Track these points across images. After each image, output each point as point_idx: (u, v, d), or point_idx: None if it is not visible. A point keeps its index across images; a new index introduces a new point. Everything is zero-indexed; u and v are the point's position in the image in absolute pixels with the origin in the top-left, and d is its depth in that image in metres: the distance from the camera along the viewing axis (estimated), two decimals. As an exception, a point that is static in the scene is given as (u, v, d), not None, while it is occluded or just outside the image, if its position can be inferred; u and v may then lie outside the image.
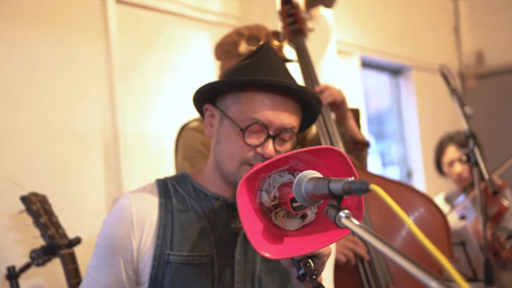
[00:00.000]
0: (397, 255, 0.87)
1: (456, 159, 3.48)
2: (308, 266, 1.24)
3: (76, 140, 2.43)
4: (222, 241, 1.48)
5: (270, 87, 1.42)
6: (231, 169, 1.44)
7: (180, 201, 1.50)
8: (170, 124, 2.84)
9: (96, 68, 2.55)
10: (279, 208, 1.28)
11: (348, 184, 0.98)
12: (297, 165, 1.26)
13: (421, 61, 5.29)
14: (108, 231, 1.48)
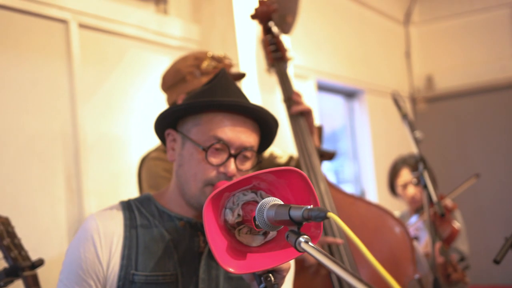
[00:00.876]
0: (351, 277, 0.96)
1: (409, 181, 3.59)
2: (269, 280, 1.31)
3: (37, 162, 2.44)
4: (186, 260, 1.53)
5: (229, 108, 1.49)
6: (195, 191, 1.50)
7: (144, 222, 1.55)
8: (132, 146, 2.88)
9: (58, 90, 2.58)
10: (242, 225, 1.36)
11: (307, 212, 1.06)
12: (260, 184, 1.34)
13: (374, 85, 5.46)
14: (76, 254, 1.50)
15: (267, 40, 2.53)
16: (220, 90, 1.53)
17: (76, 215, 2.56)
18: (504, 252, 2.03)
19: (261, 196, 1.36)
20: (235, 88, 1.57)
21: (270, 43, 2.53)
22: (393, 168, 3.76)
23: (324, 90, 4.98)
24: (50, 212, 2.45)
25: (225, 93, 1.52)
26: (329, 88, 5.07)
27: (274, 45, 2.53)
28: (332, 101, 5.38)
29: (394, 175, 3.72)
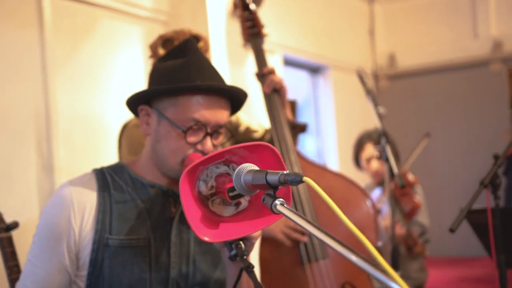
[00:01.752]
0: (323, 235, 1.04)
1: (373, 156, 3.71)
2: (239, 247, 1.39)
3: (8, 128, 2.46)
4: (158, 225, 1.59)
5: (206, 90, 1.56)
6: (174, 165, 1.56)
7: (117, 189, 1.60)
8: (102, 113, 2.91)
9: (30, 59, 2.59)
10: (215, 196, 1.43)
11: (284, 176, 1.13)
12: (232, 157, 1.41)
13: (338, 61, 5.55)
14: (49, 219, 1.55)
15: (244, 16, 2.58)
16: (194, 69, 1.58)
17: (46, 182, 2.59)
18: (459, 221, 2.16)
19: (233, 168, 1.44)
20: (209, 66, 1.62)
21: (247, 19, 2.58)
22: (358, 142, 3.86)
23: (290, 65, 5.06)
24: (22, 178, 2.48)
25: (200, 74, 1.58)
26: (295, 63, 5.15)
27: (251, 21, 2.57)
28: (297, 76, 5.46)
29: (359, 149, 3.82)
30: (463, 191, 5.62)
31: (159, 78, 1.62)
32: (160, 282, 1.57)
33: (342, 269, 2.24)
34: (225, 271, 1.64)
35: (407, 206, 3.43)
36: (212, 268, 1.65)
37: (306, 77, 5.50)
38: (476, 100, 5.81)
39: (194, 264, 1.62)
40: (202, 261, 1.64)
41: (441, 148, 5.92)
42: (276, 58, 4.57)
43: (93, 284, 1.55)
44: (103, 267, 1.54)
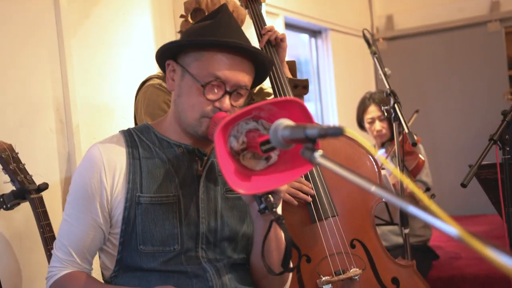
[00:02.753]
0: (360, 178, 1.09)
1: (376, 117, 3.77)
2: (269, 200, 1.47)
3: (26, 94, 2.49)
4: (186, 183, 1.67)
5: (231, 48, 1.60)
6: (192, 120, 1.62)
7: (145, 149, 1.67)
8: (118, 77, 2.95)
9: (45, 26, 2.60)
10: (246, 151, 1.50)
11: (324, 129, 1.18)
12: (260, 113, 1.48)
13: (338, 24, 5.58)
14: (82, 180, 1.63)
15: None
16: (223, 28, 1.63)
17: (66, 145, 2.64)
18: (471, 177, 2.24)
19: (262, 124, 1.51)
20: (237, 27, 1.68)
21: None
22: (361, 104, 3.92)
23: (291, 28, 5.08)
24: (42, 143, 2.53)
25: (227, 33, 1.62)
26: (296, 26, 5.17)
27: None
28: (298, 40, 5.49)
29: (362, 111, 3.88)
30: (461, 151, 5.73)
31: (187, 36, 1.68)
32: (190, 236, 1.65)
33: (350, 226, 2.32)
34: (251, 226, 1.73)
35: (411, 165, 3.52)
36: (239, 223, 1.73)
37: (307, 40, 5.53)
38: (474, 60, 5.86)
39: (222, 219, 1.70)
40: (230, 217, 1.72)
41: (439, 109, 6.00)
42: (278, 22, 4.60)
43: (126, 240, 1.63)
44: (136, 224, 1.61)
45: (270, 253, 1.65)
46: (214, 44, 1.59)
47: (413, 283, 2.34)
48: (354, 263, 2.24)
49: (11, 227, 2.33)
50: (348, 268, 2.22)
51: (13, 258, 2.33)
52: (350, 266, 2.23)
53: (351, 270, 2.21)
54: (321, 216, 2.27)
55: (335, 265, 2.23)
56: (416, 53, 6.12)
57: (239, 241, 1.73)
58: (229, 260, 1.70)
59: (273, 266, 1.61)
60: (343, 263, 2.23)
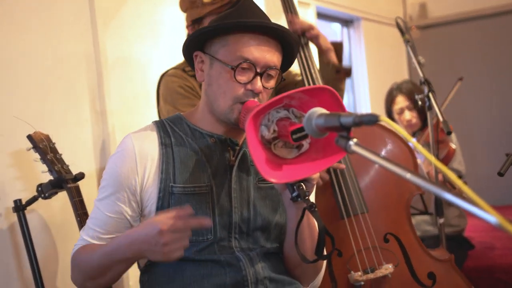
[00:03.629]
0: (395, 166, 1.09)
1: (405, 107, 3.74)
2: (301, 188, 1.48)
3: (62, 85, 2.53)
4: (218, 173, 1.68)
5: (255, 28, 1.60)
6: (224, 107, 1.63)
7: (177, 140, 1.68)
8: (152, 67, 2.97)
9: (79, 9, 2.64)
10: (277, 140, 1.50)
11: (359, 117, 1.18)
12: (291, 102, 1.48)
13: (370, 13, 5.52)
14: (114, 169, 1.65)
15: None
16: (245, 12, 1.64)
17: (101, 135, 2.68)
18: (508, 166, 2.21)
19: (293, 113, 1.50)
20: (260, 10, 1.68)
21: None
22: (389, 95, 3.88)
23: (323, 18, 5.05)
24: (77, 131, 2.57)
25: (250, 15, 1.63)
26: (328, 15, 5.14)
27: None
28: (331, 30, 5.45)
29: (390, 101, 3.85)
30: (498, 139, 5.64)
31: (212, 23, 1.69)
32: (223, 226, 1.65)
33: (384, 220, 2.30)
34: (284, 215, 1.73)
35: (442, 153, 3.48)
36: (272, 212, 1.73)
37: (338, 30, 5.49)
38: (510, 48, 5.75)
39: (255, 209, 1.70)
40: (262, 206, 1.72)
41: (474, 97, 5.90)
42: (309, 12, 4.58)
43: None
44: None
45: (304, 241, 1.66)
46: (238, 27, 1.60)
47: (451, 278, 2.29)
48: (386, 259, 2.21)
49: (50, 215, 2.38)
50: (380, 264, 2.20)
51: (52, 246, 2.39)
52: (382, 262, 2.20)
53: (382, 266, 2.19)
54: (350, 213, 2.25)
55: (367, 261, 2.20)
56: (450, 41, 6.02)
57: (272, 230, 1.74)
58: (262, 249, 1.70)
59: (307, 254, 1.61)
60: (375, 258, 2.20)
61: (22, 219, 2.14)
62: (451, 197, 0.96)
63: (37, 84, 2.42)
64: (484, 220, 0.85)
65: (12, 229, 2.24)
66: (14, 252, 2.24)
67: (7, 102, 2.30)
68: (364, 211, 2.26)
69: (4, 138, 2.25)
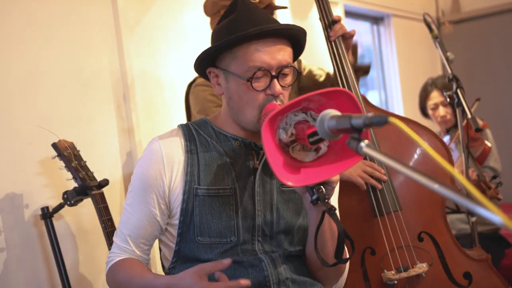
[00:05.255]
0: (413, 171, 1.07)
1: (440, 102, 3.67)
2: (321, 191, 1.46)
3: (88, 93, 2.58)
4: (242, 176, 1.68)
5: (258, 35, 1.59)
6: (252, 117, 1.64)
7: (203, 143, 1.69)
8: (176, 75, 3.00)
9: (104, 24, 2.68)
10: (295, 143, 1.49)
11: (369, 119, 1.16)
12: (309, 104, 1.47)
13: (401, 9, 5.45)
14: (142, 171, 1.68)
15: None
16: (244, 19, 1.63)
17: (127, 143, 2.71)
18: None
19: (311, 115, 1.49)
20: (258, 12, 1.67)
21: None
22: (423, 90, 3.82)
23: (351, 16, 5.01)
24: (104, 140, 2.61)
25: (250, 22, 1.61)
26: (357, 13, 5.09)
27: None
28: (359, 28, 5.40)
29: (425, 97, 3.79)
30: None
31: (214, 39, 1.69)
32: (246, 229, 1.66)
33: (418, 218, 2.25)
34: (307, 218, 1.72)
35: (477, 151, 3.40)
36: (295, 216, 1.73)
37: (367, 29, 5.43)
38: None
39: (278, 212, 1.70)
40: (285, 210, 1.72)
41: (510, 92, 5.77)
42: (338, 10, 4.54)
43: (184, 232, 1.66)
44: (194, 215, 1.64)
45: (325, 244, 1.65)
46: (240, 39, 1.59)
47: (487, 278, 2.22)
48: (420, 258, 2.17)
49: (77, 222, 2.43)
50: (414, 263, 2.15)
51: (80, 251, 2.43)
52: (415, 261, 2.16)
53: (416, 265, 2.14)
54: (383, 211, 2.21)
55: (400, 260, 2.16)
56: (484, 36, 5.89)
57: (295, 233, 1.73)
58: (284, 251, 1.70)
59: (328, 258, 1.60)
60: (408, 257, 2.16)
61: (50, 226, 2.18)
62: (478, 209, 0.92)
63: (64, 94, 2.48)
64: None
65: (41, 236, 2.28)
66: (43, 258, 2.29)
67: (35, 112, 2.35)
68: (397, 209, 2.22)
69: (32, 147, 2.30)
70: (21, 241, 2.24)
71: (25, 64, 2.35)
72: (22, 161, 2.28)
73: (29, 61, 2.36)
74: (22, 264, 2.22)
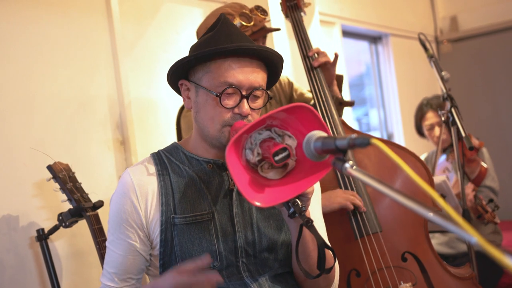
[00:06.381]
0: (396, 193, 1.09)
1: (435, 123, 3.68)
2: (296, 205, 1.45)
3: (85, 114, 2.60)
4: (219, 198, 1.66)
5: (234, 52, 1.59)
6: (214, 132, 1.61)
7: (175, 169, 1.67)
8: (172, 96, 3.02)
9: (101, 46, 2.72)
10: (263, 162, 1.49)
11: (352, 140, 1.18)
12: (273, 122, 1.47)
13: (398, 29, 5.48)
14: (116, 207, 1.65)
15: None
16: (223, 36, 1.63)
17: (124, 163, 2.73)
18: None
19: (275, 132, 1.50)
20: (238, 32, 1.66)
21: None
22: (419, 110, 3.83)
23: (349, 36, 5.05)
24: (100, 161, 2.63)
25: (228, 39, 1.61)
26: (354, 33, 5.13)
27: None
28: (357, 47, 5.44)
29: (420, 117, 3.80)
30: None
31: (191, 52, 1.69)
32: (229, 252, 1.64)
33: (400, 239, 2.25)
34: (289, 233, 1.71)
35: (474, 172, 3.39)
36: (277, 232, 1.71)
37: (366, 47, 5.47)
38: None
39: (259, 230, 1.68)
40: (266, 227, 1.70)
41: (509, 110, 5.79)
42: (335, 30, 4.58)
43: (166, 262, 1.64)
44: (174, 245, 1.62)
45: (309, 256, 1.63)
46: (217, 53, 1.59)
47: None
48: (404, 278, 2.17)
49: (72, 244, 2.43)
50: (397, 284, 2.16)
51: (75, 273, 2.43)
52: (397, 283, 2.16)
53: (400, 286, 2.15)
54: (362, 233, 2.23)
55: (384, 281, 2.17)
56: (483, 54, 5.92)
57: (278, 250, 1.71)
58: (271, 272, 1.69)
59: (313, 269, 1.59)
60: (391, 278, 2.17)
61: (45, 247, 2.19)
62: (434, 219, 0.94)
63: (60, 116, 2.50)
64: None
65: (36, 258, 2.29)
66: (39, 280, 2.30)
67: (30, 134, 2.37)
68: (377, 231, 2.23)
69: (27, 169, 2.32)
70: (16, 263, 2.24)
71: (21, 86, 2.38)
72: (18, 183, 2.29)
73: (25, 83, 2.39)
74: (17, 285, 2.23)
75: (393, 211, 2.28)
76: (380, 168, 2.34)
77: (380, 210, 2.27)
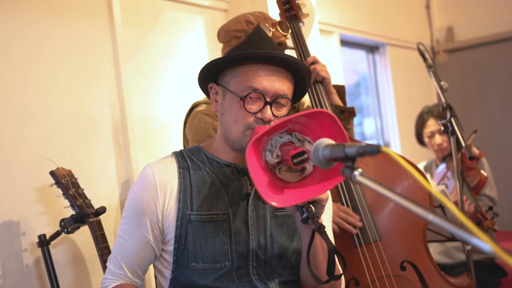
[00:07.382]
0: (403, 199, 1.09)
1: (436, 130, 3.70)
2: (310, 210, 1.49)
3: (86, 120, 2.60)
4: (235, 201, 1.70)
5: (263, 59, 1.64)
6: (237, 134, 1.66)
7: (196, 169, 1.72)
8: (172, 101, 3.04)
9: (102, 52, 2.72)
10: (281, 164, 1.52)
11: (362, 148, 1.19)
12: (294, 126, 1.50)
13: (395, 39, 5.52)
14: (135, 197, 1.69)
15: (281, 0, 2.57)
16: (254, 43, 1.68)
17: (124, 170, 2.73)
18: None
19: (296, 137, 1.53)
20: (269, 41, 1.71)
21: (284, 2, 2.56)
22: (420, 118, 3.85)
23: (347, 45, 5.07)
24: (102, 167, 2.62)
25: (259, 46, 1.67)
26: (352, 42, 5.16)
27: (288, 4, 2.55)
28: (355, 56, 5.47)
29: (421, 125, 3.81)
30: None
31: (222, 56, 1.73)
32: (240, 254, 1.67)
33: (399, 248, 2.26)
34: (300, 242, 1.74)
35: (474, 180, 3.41)
36: (289, 240, 1.75)
37: (363, 56, 5.50)
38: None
39: (272, 236, 1.72)
40: (279, 234, 1.73)
41: (506, 121, 5.82)
42: (333, 39, 4.60)
43: (179, 258, 1.68)
44: (187, 241, 1.66)
45: (319, 263, 1.67)
46: (247, 58, 1.64)
47: None
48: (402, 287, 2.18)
49: (74, 250, 2.43)
50: None
51: (77, 279, 2.43)
52: None
53: None
54: (362, 242, 2.24)
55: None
56: (479, 65, 5.97)
57: (289, 257, 1.75)
58: (280, 279, 1.71)
59: (322, 275, 1.61)
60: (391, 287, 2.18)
61: (47, 254, 2.19)
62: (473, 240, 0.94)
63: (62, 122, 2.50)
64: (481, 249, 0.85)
65: (38, 264, 2.29)
66: (40, 286, 2.30)
67: (33, 139, 2.37)
68: (377, 239, 2.24)
69: (29, 174, 2.31)
70: (18, 269, 2.24)
71: (23, 92, 2.38)
72: (20, 189, 2.29)
73: (26, 89, 2.39)
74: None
75: (392, 220, 2.29)
76: (379, 177, 2.35)
77: (380, 219, 2.28)
